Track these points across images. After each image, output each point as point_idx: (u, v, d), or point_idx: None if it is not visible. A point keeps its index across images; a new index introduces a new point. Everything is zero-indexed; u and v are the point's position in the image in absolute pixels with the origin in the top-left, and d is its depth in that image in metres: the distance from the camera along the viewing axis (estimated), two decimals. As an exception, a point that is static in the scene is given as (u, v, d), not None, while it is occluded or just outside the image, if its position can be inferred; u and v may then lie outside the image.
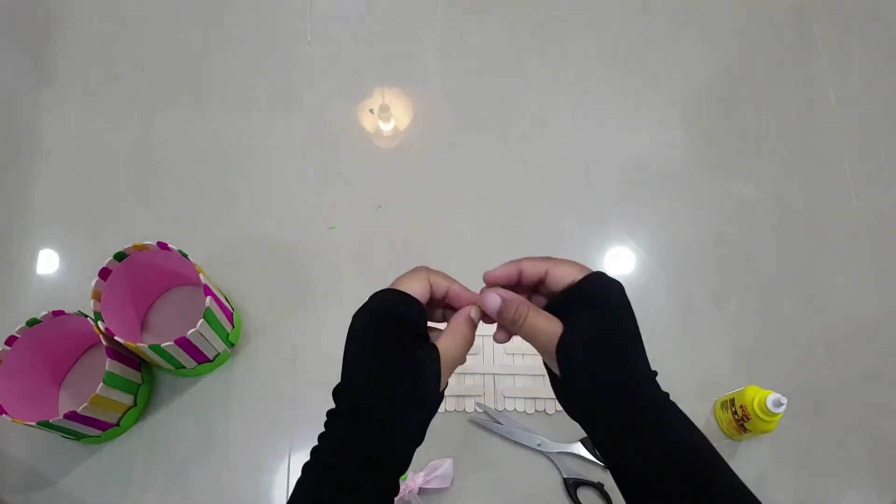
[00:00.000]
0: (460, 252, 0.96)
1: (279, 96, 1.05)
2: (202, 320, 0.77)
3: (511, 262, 0.48)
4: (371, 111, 1.04)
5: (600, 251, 0.98)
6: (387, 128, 1.05)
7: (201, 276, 0.78)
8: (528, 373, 0.90)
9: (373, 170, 1.02)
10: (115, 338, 0.76)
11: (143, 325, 0.90)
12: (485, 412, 0.88)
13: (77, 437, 0.82)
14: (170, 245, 0.79)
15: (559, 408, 0.88)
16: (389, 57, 1.09)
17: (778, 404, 0.77)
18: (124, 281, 0.82)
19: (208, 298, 0.77)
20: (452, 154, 1.03)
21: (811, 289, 0.97)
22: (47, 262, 0.94)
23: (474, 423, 0.87)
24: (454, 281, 0.49)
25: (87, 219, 0.97)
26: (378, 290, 0.47)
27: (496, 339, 0.49)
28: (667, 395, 0.45)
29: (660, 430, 0.43)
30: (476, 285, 0.50)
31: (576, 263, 0.47)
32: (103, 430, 0.82)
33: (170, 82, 1.06)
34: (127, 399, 0.82)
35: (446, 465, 0.83)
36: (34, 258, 0.94)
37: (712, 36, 1.12)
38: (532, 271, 0.47)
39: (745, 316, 0.95)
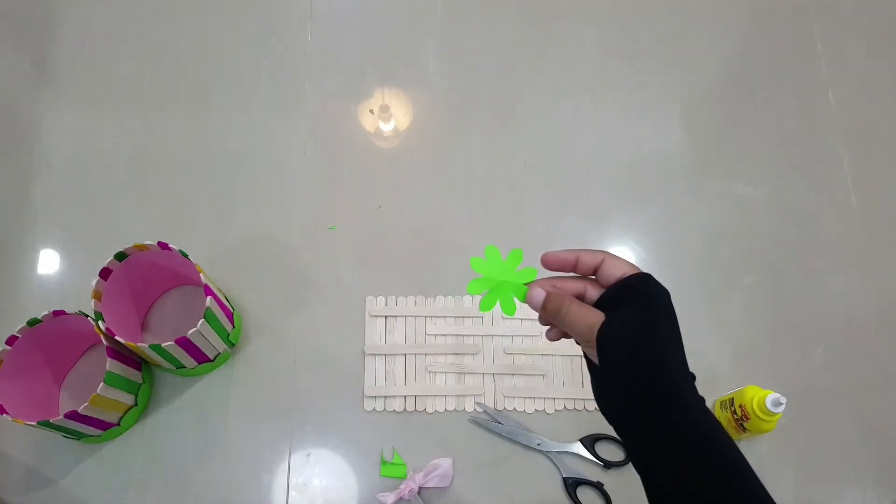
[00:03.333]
0: (459, 252, 0.96)
1: (280, 97, 1.05)
2: (202, 320, 0.77)
3: (571, 249, 0.51)
4: (371, 111, 1.04)
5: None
6: (387, 128, 1.05)
7: (202, 275, 0.79)
8: (528, 373, 0.90)
9: (373, 170, 1.02)
10: (116, 337, 0.76)
11: (144, 325, 0.91)
12: (485, 412, 0.88)
13: (78, 436, 0.82)
14: (170, 245, 0.79)
15: (559, 407, 0.89)
16: (390, 58, 1.09)
17: (777, 404, 0.77)
18: (125, 281, 0.82)
19: (209, 298, 0.78)
20: (452, 154, 1.03)
21: (810, 289, 0.97)
22: (47, 263, 0.94)
23: (474, 422, 0.87)
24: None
25: (88, 219, 0.97)
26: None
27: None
28: (702, 399, 0.45)
29: (694, 433, 0.43)
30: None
31: (632, 263, 0.49)
32: (104, 430, 0.82)
33: (170, 83, 1.05)
34: (128, 399, 0.82)
35: (446, 465, 0.83)
36: (34, 259, 0.94)
37: (712, 36, 1.12)
38: (589, 260, 0.50)
39: (745, 315, 0.95)
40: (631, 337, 0.45)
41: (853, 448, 0.88)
